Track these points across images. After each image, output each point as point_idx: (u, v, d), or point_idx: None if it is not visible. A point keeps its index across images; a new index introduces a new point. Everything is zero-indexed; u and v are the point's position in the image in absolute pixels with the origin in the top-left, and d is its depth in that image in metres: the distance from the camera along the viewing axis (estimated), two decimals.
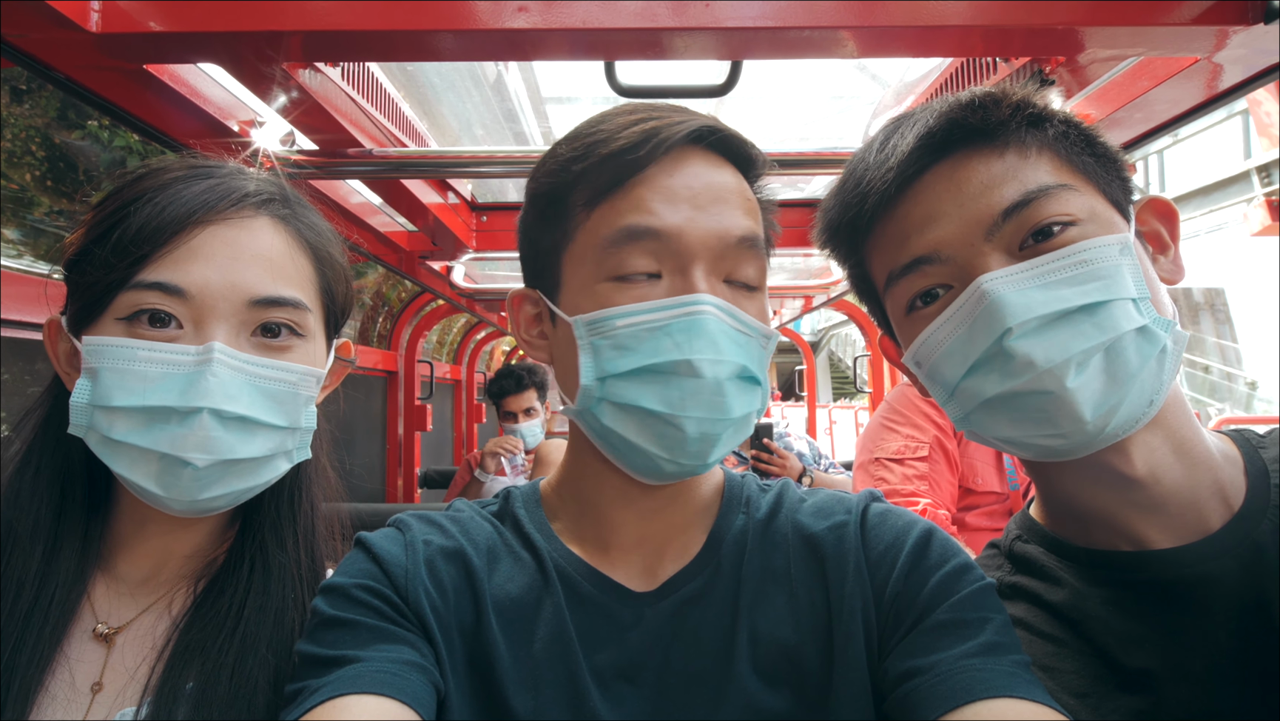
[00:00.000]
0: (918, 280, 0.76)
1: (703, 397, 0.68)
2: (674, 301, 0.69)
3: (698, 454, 0.71)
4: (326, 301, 0.88)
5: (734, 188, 0.74)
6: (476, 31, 0.99)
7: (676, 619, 0.74)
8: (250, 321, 0.78)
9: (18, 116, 2.64)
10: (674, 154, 0.73)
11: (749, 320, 0.72)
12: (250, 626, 0.80)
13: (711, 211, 0.71)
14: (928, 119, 0.75)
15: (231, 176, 0.83)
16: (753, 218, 0.75)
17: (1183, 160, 11.14)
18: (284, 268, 0.81)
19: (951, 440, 1.99)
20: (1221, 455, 0.77)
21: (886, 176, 0.75)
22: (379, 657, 0.66)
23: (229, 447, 0.75)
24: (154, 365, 0.73)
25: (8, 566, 0.77)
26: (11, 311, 1.53)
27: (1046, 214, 0.71)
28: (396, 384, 3.91)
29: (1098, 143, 0.76)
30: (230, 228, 0.79)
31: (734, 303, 0.72)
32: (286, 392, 0.80)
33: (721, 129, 0.75)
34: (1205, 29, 0.97)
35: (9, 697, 0.71)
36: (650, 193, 0.71)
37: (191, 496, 0.76)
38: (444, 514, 0.83)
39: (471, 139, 2.07)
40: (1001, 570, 0.88)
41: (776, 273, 3.65)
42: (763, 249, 0.75)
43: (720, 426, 0.70)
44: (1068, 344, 0.67)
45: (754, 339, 0.73)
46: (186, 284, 0.75)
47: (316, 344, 0.85)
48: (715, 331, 0.69)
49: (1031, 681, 0.64)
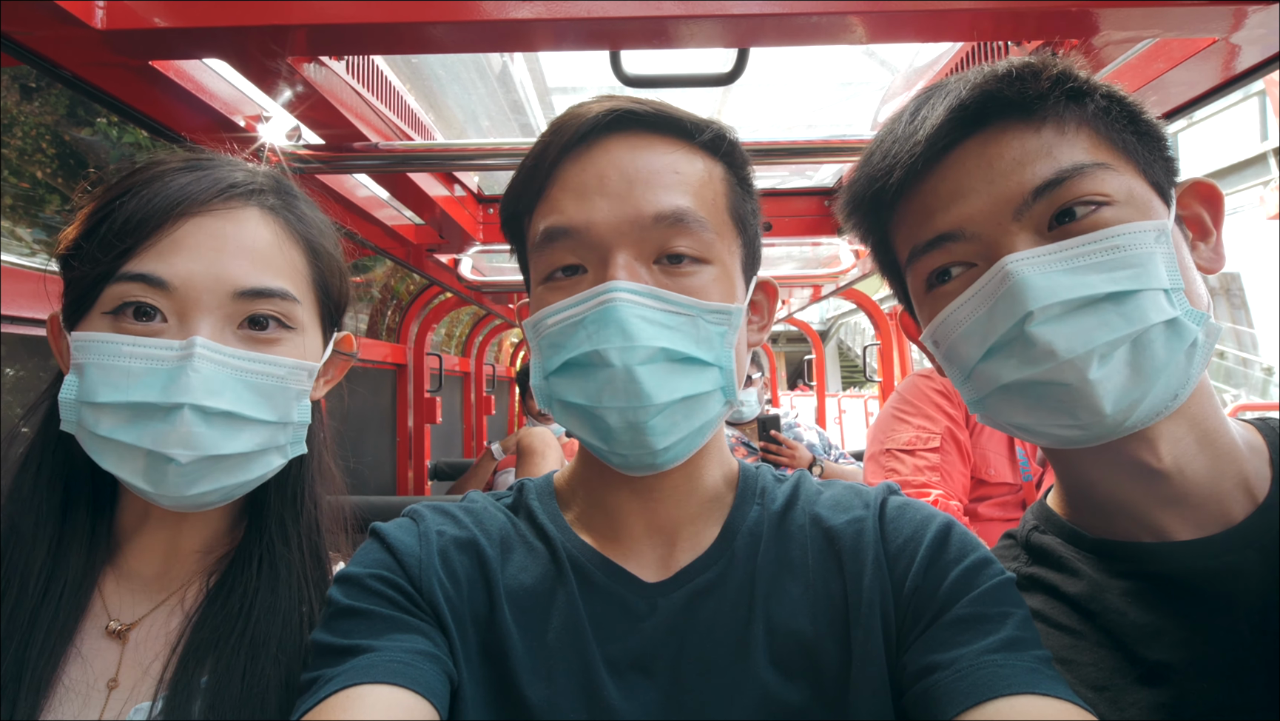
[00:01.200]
0: (941, 256, 0.74)
1: (616, 386, 0.68)
2: (589, 294, 0.70)
3: (634, 444, 0.71)
4: (320, 293, 0.87)
5: (657, 165, 0.73)
6: (481, 23, 0.99)
7: (690, 609, 0.74)
8: (236, 314, 0.78)
9: (28, 114, 2.65)
10: (587, 146, 0.74)
11: (678, 299, 0.71)
12: (260, 626, 0.81)
13: (624, 196, 0.71)
14: (960, 90, 0.72)
15: (220, 167, 0.82)
16: (682, 190, 0.73)
17: (1198, 143, 10.99)
18: (271, 259, 0.80)
19: (964, 430, 1.98)
20: (1246, 445, 0.75)
21: (914, 149, 0.73)
22: (393, 647, 0.66)
23: (213, 443, 0.74)
24: (137, 360, 0.73)
25: (9, 564, 0.77)
26: (23, 308, 1.54)
27: (1079, 193, 0.68)
28: (406, 377, 3.92)
29: (1142, 119, 0.73)
30: (216, 219, 0.78)
31: (666, 282, 0.71)
32: (274, 387, 0.79)
33: (633, 108, 0.74)
34: (1222, 9, 0.95)
35: (21, 693, 0.72)
36: (561, 191, 0.74)
37: (179, 492, 0.76)
38: (458, 504, 0.84)
39: (477, 131, 2.06)
40: (1018, 561, 0.87)
41: (784, 262, 3.62)
42: (696, 220, 0.72)
43: (644, 414, 0.69)
44: (1092, 334, 0.65)
45: (689, 316, 0.71)
46: (170, 275, 0.74)
47: (309, 336, 0.84)
48: (625, 318, 0.68)
49: (1054, 677, 0.63)
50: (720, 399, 0.74)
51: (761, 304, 0.84)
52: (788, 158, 1.63)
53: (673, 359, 0.70)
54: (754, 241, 0.81)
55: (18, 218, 2.64)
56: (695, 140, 0.75)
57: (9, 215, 2.62)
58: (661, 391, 0.69)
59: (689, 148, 0.75)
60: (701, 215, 0.72)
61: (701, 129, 0.76)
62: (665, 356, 0.69)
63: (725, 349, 0.73)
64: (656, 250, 0.71)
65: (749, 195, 0.81)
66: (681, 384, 0.70)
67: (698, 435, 0.74)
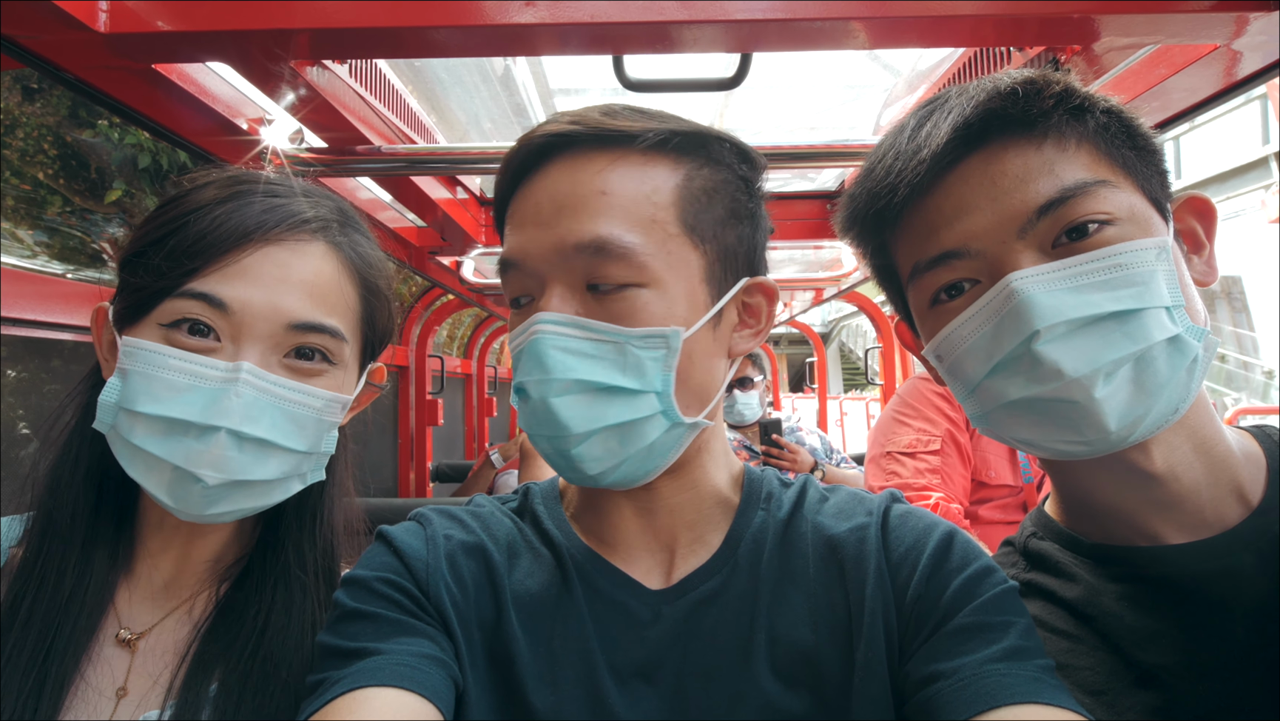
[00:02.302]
0: (944, 274, 0.74)
1: (540, 417, 0.70)
2: (523, 326, 0.71)
3: (569, 469, 0.72)
4: (366, 330, 0.88)
5: (585, 189, 0.70)
6: (483, 27, 0.99)
7: (694, 617, 0.73)
8: (286, 344, 0.78)
9: (30, 115, 2.65)
10: (530, 176, 0.74)
11: (602, 327, 0.69)
12: (274, 646, 0.81)
13: (552, 225, 0.70)
14: (964, 107, 0.71)
15: (294, 200, 0.83)
16: (608, 214, 0.69)
17: (1199, 146, 10.99)
18: (328, 295, 0.81)
19: (964, 433, 1.97)
20: (1242, 452, 0.76)
21: (919, 167, 0.72)
22: (399, 650, 0.66)
23: (242, 468, 0.75)
24: (182, 375, 0.74)
25: (48, 554, 0.78)
26: (26, 310, 1.54)
27: (1083, 212, 0.68)
28: (408, 379, 3.93)
29: (1139, 134, 0.73)
30: (283, 250, 0.79)
31: (595, 309, 0.70)
32: (310, 417, 0.80)
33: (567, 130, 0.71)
34: (1224, 15, 0.95)
35: (44, 696, 0.72)
36: (510, 221, 0.75)
37: (199, 511, 0.76)
38: (464, 509, 0.84)
39: (480, 133, 2.06)
40: (1016, 567, 0.87)
41: (787, 264, 3.62)
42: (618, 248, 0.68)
43: (566, 443, 0.69)
44: (1097, 353, 0.65)
45: (614, 344, 0.69)
46: (230, 298, 0.75)
47: (348, 372, 0.86)
48: (544, 350, 0.68)
49: (1056, 686, 0.63)
50: (661, 422, 0.71)
51: (757, 307, 0.79)
52: (790, 162, 1.63)
53: (592, 389, 0.69)
54: (731, 248, 0.76)
55: (19, 219, 2.64)
56: (634, 146, 0.71)
57: (10, 217, 2.63)
58: (580, 422, 0.68)
59: (632, 159, 0.71)
60: (627, 241, 0.68)
61: (639, 135, 0.71)
62: (581, 388, 0.68)
63: (662, 372, 0.70)
64: (584, 278, 0.70)
65: (719, 201, 0.75)
66: (606, 412, 0.69)
67: (647, 457, 0.72)
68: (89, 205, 2.75)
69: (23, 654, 0.73)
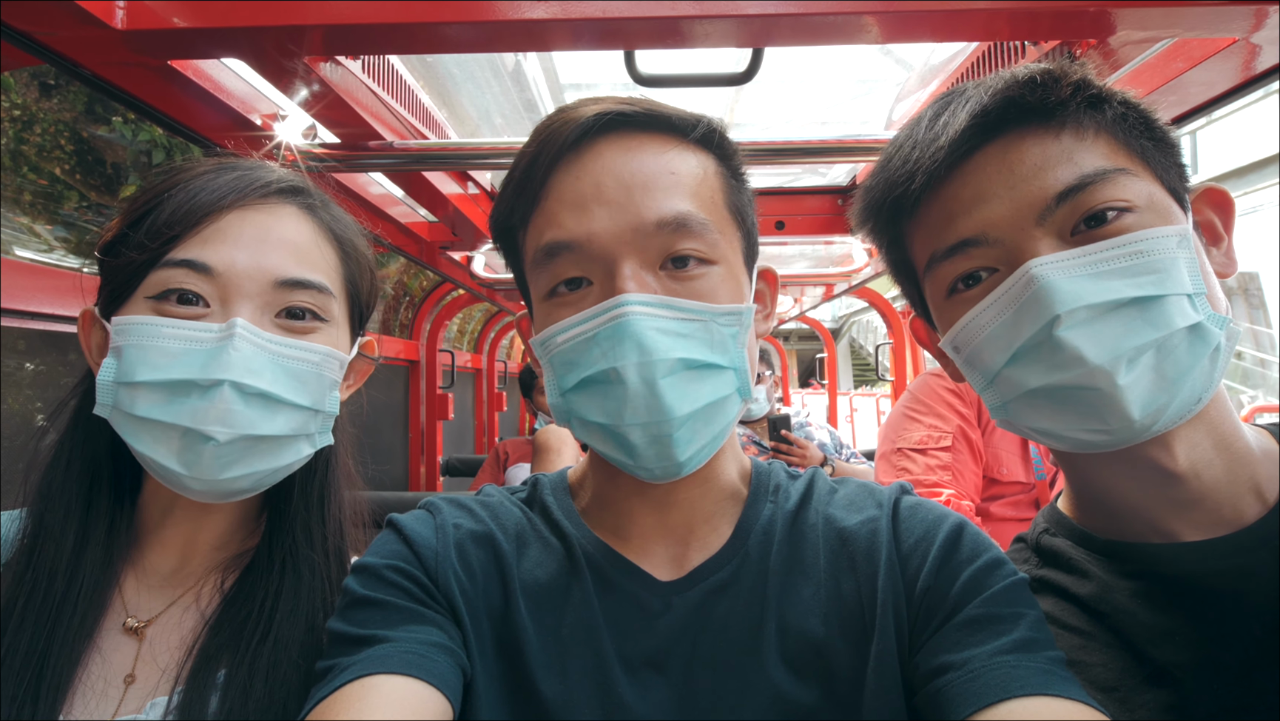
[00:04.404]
0: (962, 262, 0.74)
1: (638, 403, 0.67)
2: (600, 309, 0.68)
3: (659, 456, 0.70)
4: (350, 291, 0.89)
5: (652, 167, 0.70)
6: (495, 23, 0.99)
7: (704, 608, 0.74)
8: (275, 303, 0.80)
9: (47, 111, 2.68)
10: (578, 153, 0.71)
11: (690, 305, 0.69)
12: (284, 628, 0.81)
13: (623, 204, 0.69)
14: (981, 96, 0.71)
15: (259, 168, 0.85)
16: (681, 191, 0.70)
17: (1217, 140, 10.84)
18: (309, 253, 0.83)
19: (975, 430, 1.96)
20: (1260, 450, 0.75)
21: (936, 156, 0.72)
22: (408, 638, 0.67)
23: (250, 422, 0.75)
24: (178, 341, 0.75)
25: (40, 557, 0.78)
26: (43, 304, 1.56)
27: (1102, 199, 0.68)
28: (418, 373, 3.95)
29: (1156, 126, 0.73)
30: (259, 213, 0.81)
31: (674, 289, 0.69)
32: (309, 372, 0.81)
33: (623, 109, 0.71)
34: (1242, 8, 0.94)
35: (43, 689, 0.73)
36: (557, 204, 0.71)
37: (213, 475, 0.76)
38: (474, 498, 0.84)
39: (491, 129, 2.06)
40: (1029, 564, 0.87)
41: (797, 260, 3.61)
42: (699, 222, 0.70)
43: (668, 428, 0.68)
44: (1119, 340, 0.65)
45: (703, 322, 0.70)
46: (214, 261, 0.77)
47: (340, 330, 0.86)
48: (640, 331, 0.66)
49: (1067, 678, 0.63)
50: (737, 400, 0.73)
51: (764, 293, 0.83)
52: (801, 157, 1.63)
53: (691, 367, 0.68)
54: (752, 233, 0.80)
55: (36, 214, 2.67)
56: (688, 137, 0.74)
57: (28, 211, 2.65)
58: (683, 403, 0.68)
59: (681, 145, 0.73)
60: (703, 216, 0.70)
61: (693, 125, 0.74)
62: (684, 366, 0.68)
63: (739, 349, 0.72)
64: (661, 255, 0.69)
65: (743, 187, 0.79)
66: (702, 391, 0.69)
67: (717, 439, 0.74)
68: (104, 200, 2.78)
69: (17, 656, 0.74)
